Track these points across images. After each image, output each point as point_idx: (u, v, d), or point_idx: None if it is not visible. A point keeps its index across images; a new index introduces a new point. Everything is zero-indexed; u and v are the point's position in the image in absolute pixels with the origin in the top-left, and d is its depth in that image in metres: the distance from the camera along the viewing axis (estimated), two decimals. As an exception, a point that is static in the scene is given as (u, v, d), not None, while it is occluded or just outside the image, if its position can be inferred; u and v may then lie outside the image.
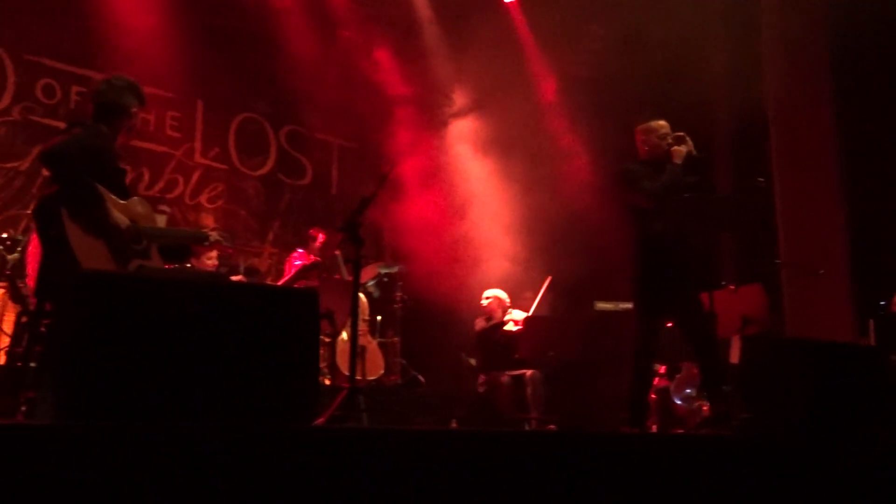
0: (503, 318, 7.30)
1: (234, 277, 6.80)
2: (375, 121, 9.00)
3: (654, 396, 6.88)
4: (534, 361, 6.87)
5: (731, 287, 6.31)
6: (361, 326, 7.45)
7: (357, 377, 4.82)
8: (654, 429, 6.67)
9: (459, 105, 9.31)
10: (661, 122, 5.10)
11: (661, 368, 7.18)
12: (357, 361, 5.24)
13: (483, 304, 7.50)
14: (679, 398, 7.03)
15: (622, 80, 7.93)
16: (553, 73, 9.28)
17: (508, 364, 6.98)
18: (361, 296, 7.50)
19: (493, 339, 7.22)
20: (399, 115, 8.99)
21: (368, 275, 8.05)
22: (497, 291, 7.56)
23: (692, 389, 6.95)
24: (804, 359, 3.75)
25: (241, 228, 9.17)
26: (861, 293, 8.20)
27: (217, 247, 4.08)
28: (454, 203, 8.99)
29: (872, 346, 6.55)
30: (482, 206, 8.97)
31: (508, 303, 7.50)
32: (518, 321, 7.14)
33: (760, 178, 5.65)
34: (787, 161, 8.94)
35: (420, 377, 8.37)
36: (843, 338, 7.57)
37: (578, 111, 8.80)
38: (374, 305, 8.32)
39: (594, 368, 6.47)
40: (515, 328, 7.11)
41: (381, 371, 7.94)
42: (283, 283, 7.38)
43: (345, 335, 7.29)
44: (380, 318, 8.48)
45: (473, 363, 7.48)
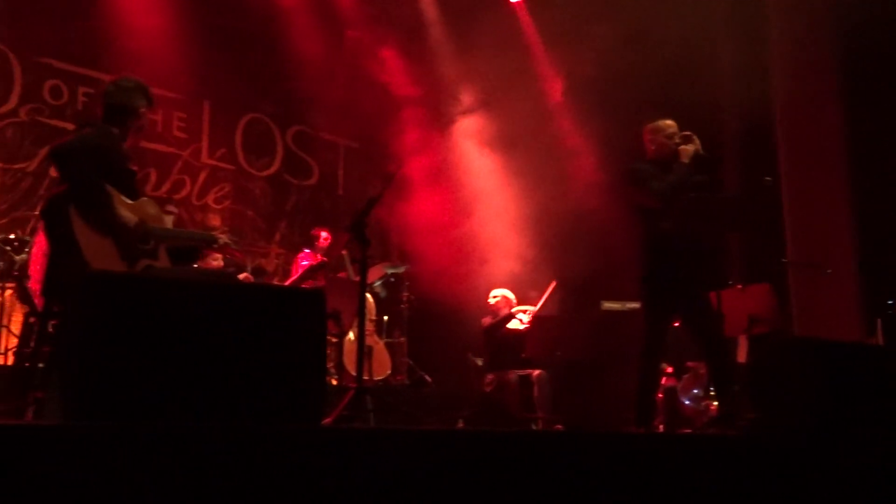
0: (511, 311, 7.31)
1: (240, 276, 6.80)
2: (382, 121, 8.99)
3: (662, 396, 6.86)
4: (541, 361, 6.88)
5: (739, 286, 6.28)
6: (368, 326, 7.47)
7: (364, 377, 4.81)
8: (661, 429, 6.66)
9: (466, 104, 9.30)
10: (669, 122, 5.09)
11: (669, 368, 7.16)
12: (364, 361, 5.24)
13: (491, 303, 7.51)
14: (686, 398, 7.00)
15: (628, 80, 7.90)
16: (559, 73, 9.27)
17: (516, 363, 6.99)
18: (368, 296, 7.51)
19: (500, 336, 7.22)
20: (406, 115, 8.98)
21: (375, 275, 8.06)
22: (504, 291, 7.57)
23: (699, 389, 6.93)
24: (812, 358, 3.74)
25: (248, 229, 9.19)
26: (869, 292, 8.17)
27: (226, 249, 4.07)
28: (461, 203, 8.98)
29: (880, 346, 6.54)
30: (489, 206, 8.96)
31: (515, 302, 7.52)
32: (524, 320, 7.14)
33: (767, 177, 5.63)
34: (795, 160, 8.91)
35: (427, 377, 8.39)
36: (851, 337, 7.55)
37: (585, 110, 8.78)
38: (381, 305, 8.33)
39: (601, 368, 6.46)
40: (522, 326, 7.12)
41: (388, 371, 7.96)
42: (291, 284, 7.39)
43: (352, 335, 7.31)
44: (387, 319, 8.49)
45: (480, 364, 7.48)
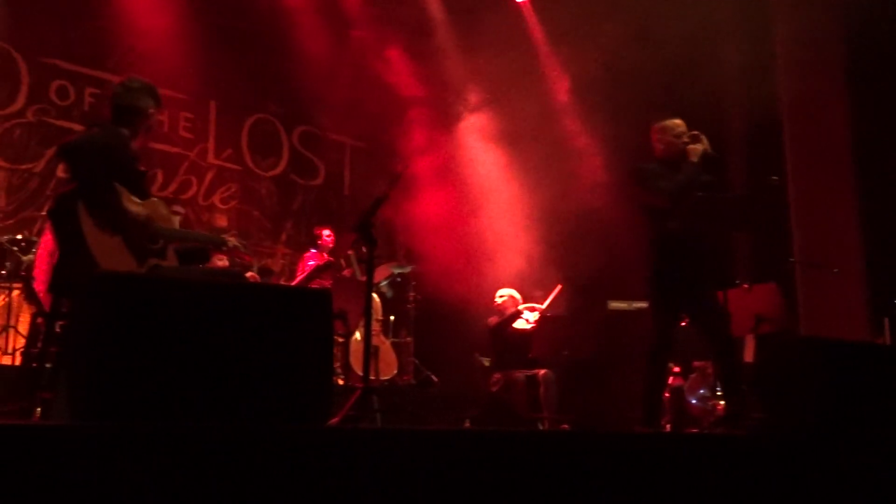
0: (518, 310, 7.30)
1: (247, 275, 6.80)
2: (388, 120, 9.00)
3: (669, 395, 6.85)
4: (547, 361, 6.87)
5: (746, 286, 6.26)
6: (375, 326, 7.47)
7: (370, 377, 4.82)
8: (668, 428, 6.65)
9: (472, 104, 9.29)
10: (677, 121, 5.07)
11: (676, 367, 7.15)
12: (370, 361, 5.24)
13: (497, 303, 7.51)
14: (693, 397, 6.99)
15: (634, 79, 7.89)
16: (565, 72, 9.26)
17: (522, 363, 6.99)
18: (374, 296, 7.52)
19: (507, 336, 7.22)
20: (412, 115, 8.98)
21: (381, 275, 8.07)
22: (511, 290, 7.58)
23: (706, 389, 6.91)
24: (819, 358, 3.72)
25: (255, 229, 9.21)
26: (876, 292, 8.14)
27: (235, 253, 4.07)
28: (467, 202, 8.98)
29: (888, 345, 6.52)
30: (495, 206, 8.95)
31: (521, 302, 7.52)
32: (530, 320, 7.15)
33: (774, 177, 5.62)
34: (802, 159, 8.88)
35: (433, 377, 8.39)
36: (858, 336, 7.52)
37: (591, 109, 8.77)
38: (388, 305, 8.34)
39: (608, 368, 6.46)
40: (529, 326, 7.12)
41: (395, 371, 7.97)
42: (297, 283, 7.40)
43: (358, 335, 7.32)
44: (393, 318, 8.50)
45: (487, 363, 7.48)
